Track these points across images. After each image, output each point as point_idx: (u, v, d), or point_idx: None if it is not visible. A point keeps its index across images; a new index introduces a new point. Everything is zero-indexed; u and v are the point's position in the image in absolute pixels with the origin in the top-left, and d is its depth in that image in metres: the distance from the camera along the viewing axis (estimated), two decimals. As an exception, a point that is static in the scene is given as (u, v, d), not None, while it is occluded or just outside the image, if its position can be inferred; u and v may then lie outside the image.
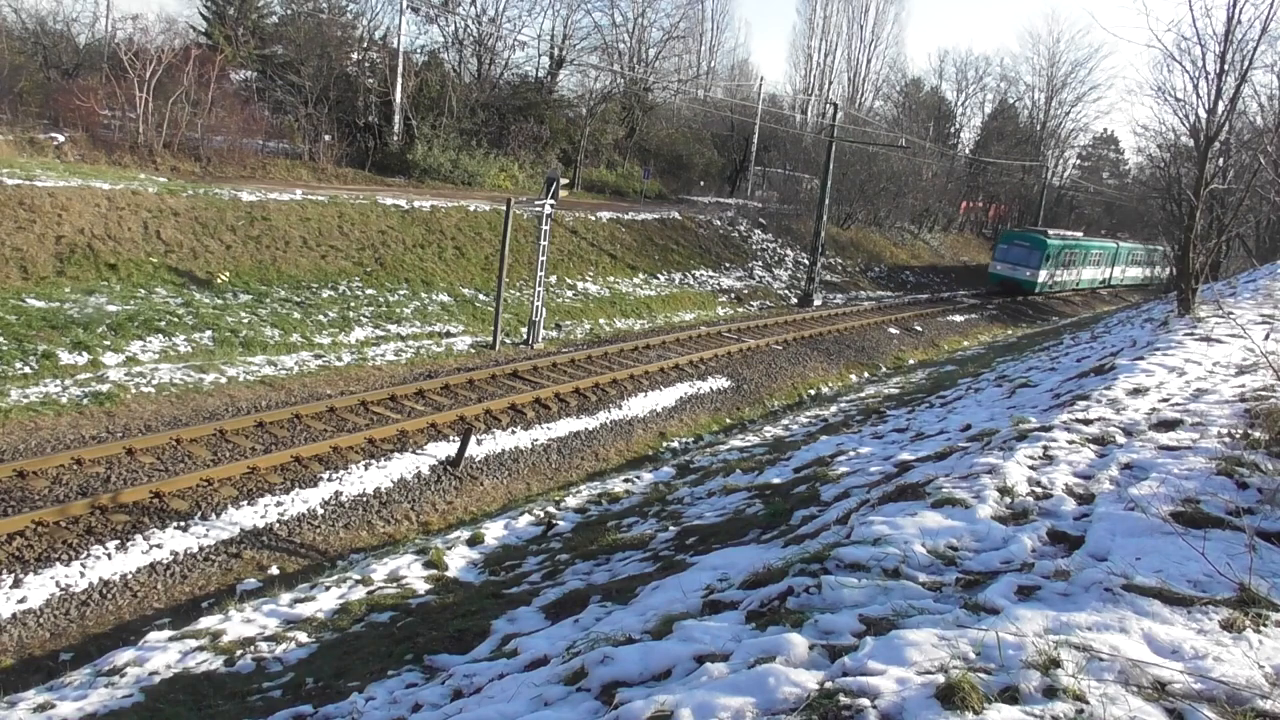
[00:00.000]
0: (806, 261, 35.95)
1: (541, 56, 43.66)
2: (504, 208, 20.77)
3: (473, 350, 20.24)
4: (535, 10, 53.10)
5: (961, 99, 72.71)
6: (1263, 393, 8.94)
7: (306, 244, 21.91)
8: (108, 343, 15.60)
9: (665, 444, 17.32)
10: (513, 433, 15.41)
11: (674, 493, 12.03)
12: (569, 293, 26.15)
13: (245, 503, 11.61)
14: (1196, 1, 34.06)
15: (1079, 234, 49.50)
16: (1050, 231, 43.49)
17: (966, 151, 68.15)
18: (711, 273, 33.09)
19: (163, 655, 7.42)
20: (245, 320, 18.09)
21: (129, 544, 10.30)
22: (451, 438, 14.45)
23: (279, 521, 11.50)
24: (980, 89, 72.60)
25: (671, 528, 9.69)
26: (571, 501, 12.22)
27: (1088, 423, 8.36)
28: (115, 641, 8.71)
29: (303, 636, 7.68)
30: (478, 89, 38.17)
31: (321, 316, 19.48)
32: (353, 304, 20.61)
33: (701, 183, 48.95)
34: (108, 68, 27.45)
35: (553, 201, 21.07)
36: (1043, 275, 42.01)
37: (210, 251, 20.01)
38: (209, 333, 17.15)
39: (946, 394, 17.68)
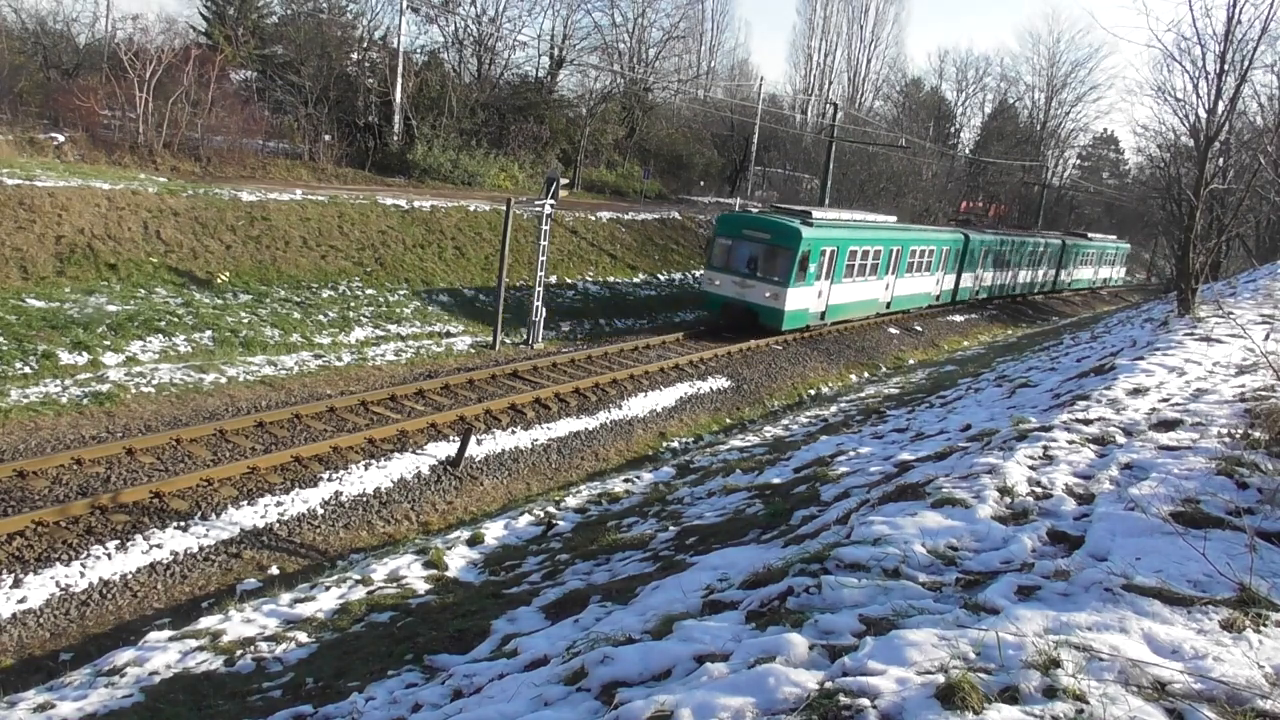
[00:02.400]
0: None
1: (541, 56, 43.70)
2: (504, 208, 20.77)
3: (473, 350, 20.24)
4: (535, 10, 53.13)
5: (961, 99, 72.80)
6: (1263, 393, 8.94)
7: (306, 244, 21.90)
8: (108, 343, 15.59)
9: (665, 444, 17.31)
10: (513, 433, 15.40)
11: (674, 493, 12.02)
12: (569, 293, 26.14)
13: (245, 503, 11.60)
14: (1196, 1, 34.08)
15: (886, 217, 31.22)
16: (815, 214, 24.98)
17: (966, 151, 68.17)
18: (711, 273, 33.08)
19: (163, 655, 7.42)
20: (245, 320, 18.08)
21: (129, 544, 10.30)
22: (451, 438, 14.45)
23: (279, 521, 11.50)
24: (980, 89, 72.71)
25: (671, 528, 9.68)
26: (571, 501, 12.21)
27: (1088, 423, 8.36)
28: (115, 641, 8.70)
29: (303, 636, 7.68)
30: (478, 89, 38.17)
31: (321, 316, 19.48)
32: (353, 304, 20.61)
33: (701, 183, 48.95)
34: (108, 68, 27.45)
35: (553, 201, 21.08)
36: (798, 297, 23.50)
37: (210, 251, 20.00)
38: (209, 333, 17.14)
39: (946, 394, 17.67)
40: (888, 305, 29.68)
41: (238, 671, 7.04)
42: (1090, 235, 52.16)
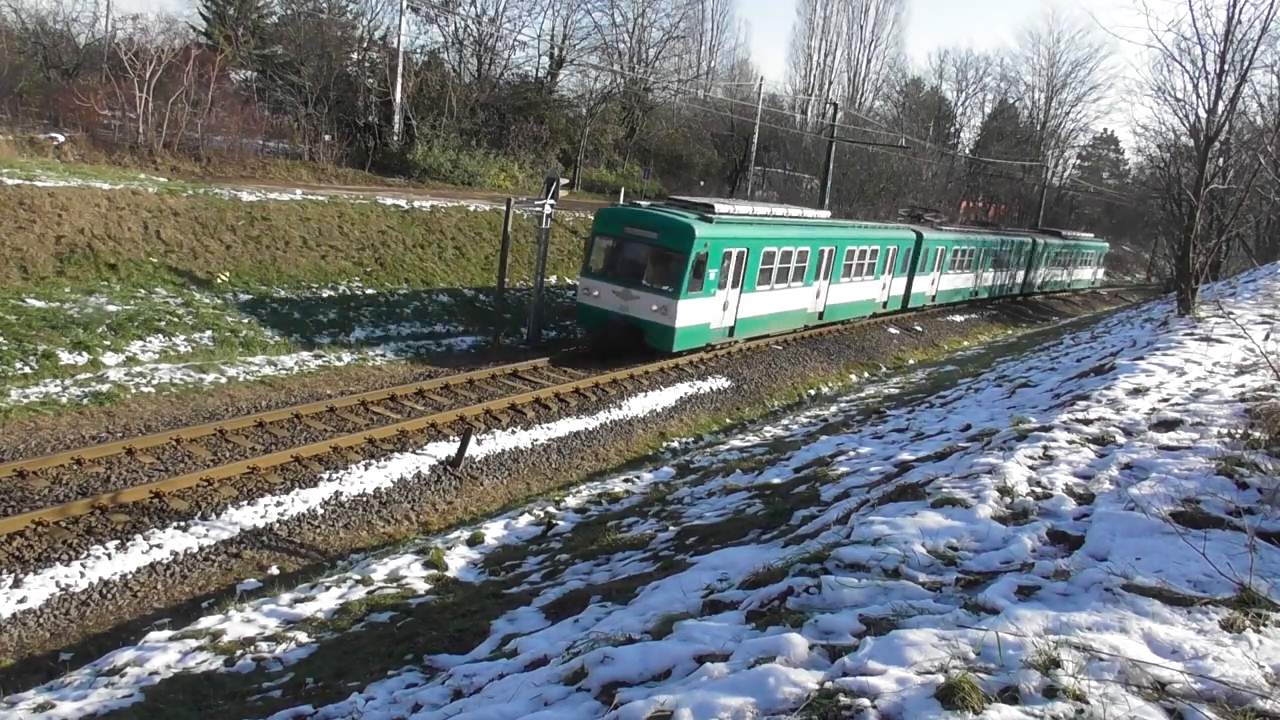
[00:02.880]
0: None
1: (541, 56, 43.70)
2: (504, 208, 20.77)
3: (473, 350, 20.24)
4: (535, 10, 53.05)
5: (961, 99, 72.84)
6: (1263, 393, 8.94)
7: (306, 244, 21.90)
8: (108, 343, 15.59)
9: (665, 444, 17.31)
10: (513, 433, 15.40)
11: (674, 493, 12.02)
12: (570, 292, 26.15)
13: (245, 503, 11.60)
14: (1196, 1, 34.07)
15: (817, 211, 27.55)
16: (720, 208, 21.05)
17: (966, 151, 68.19)
18: (711, 273, 33.05)
19: (163, 655, 7.42)
20: (245, 320, 18.09)
21: (129, 544, 10.30)
22: (451, 438, 14.45)
23: (279, 521, 11.50)
24: (980, 89, 72.75)
25: (671, 528, 9.68)
26: (571, 501, 12.21)
27: (1088, 423, 8.36)
28: (115, 641, 8.70)
29: (303, 636, 7.68)
30: (478, 89, 38.17)
31: (321, 316, 19.48)
32: (353, 304, 20.61)
33: (701, 183, 48.92)
34: (108, 68, 27.44)
35: (553, 201, 21.05)
36: (694, 310, 19.34)
37: (210, 251, 20.00)
38: (209, 333, 17.15)
39: (946, 394, 17.67)
40: (820, 316, 25.68)
41: (238, 671, 7.04)
42: (1064, 233, 48.98)
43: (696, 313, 19.58)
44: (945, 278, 33.78)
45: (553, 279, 25.62)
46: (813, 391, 22.58)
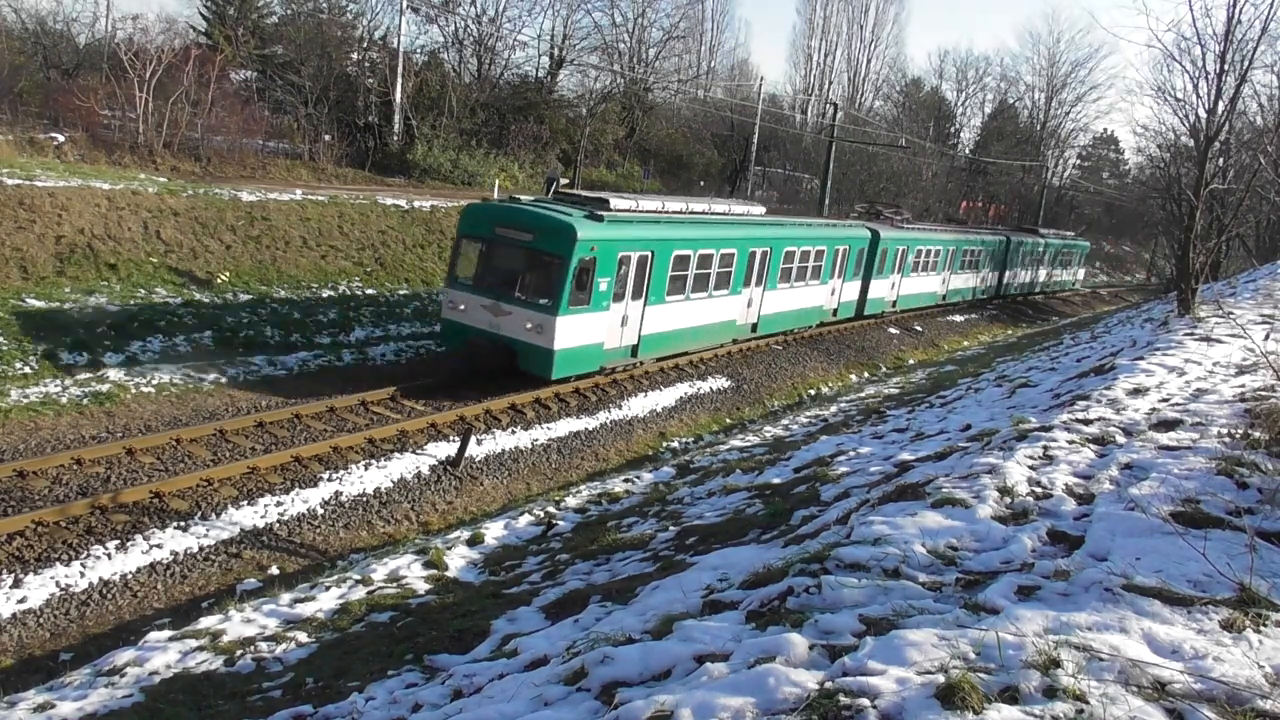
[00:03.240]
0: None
1: (541, 56, 43.72)
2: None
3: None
4: (535, 10, 53.14)
5: (961, 99, 72.88)
6: (1263, 393, 8.94)
7: (306, 244, 21.91)
8: (108, 343, 15.60)
9: (665, 444, 17.31)
10: (513, 433, 15.40)
11: (674, 493, 12.02)
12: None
13: (245, 503, 11.60)
14: (1196, 1, 34.06)
15: (749, 206, 24.05)
16: (615, 203, 17.77)
17: (966, 151, 68.22)
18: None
19: (163, 655, 7.42)
20: (245, 320, 18.09)
21: (129, 544, 10.29)
22: (451, 438, 14.45)
23: (279, 521, 11.50)
24: (980, 89, 72.80)
25: (671, 528, 9.68)
26: (571, 501, 12.21)
27: (1088, 423, 8.36)
28: (115, 641, 8.70)
29: (303, 636, 7.68)
30: (478, 89, 38.19)
31: (321, 316, 19.48)
32: (353, 304, 20.61)
33: (701, 183, 48.94)
34: (108, 68, 27.46)
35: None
36: (578, 328, 16.26)
37: (210, 251, 20.00)
38: (209, 332, 17.16)
39: (946, 394, 17.68)
40: (753, 328, 22.63)
41: (238, 671, 7.04)
42: (1043, 231, 46.51)
43: (583, 330, 16.33)
44: (908, 281, 31.00)
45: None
46: (813, 391, 22.59)
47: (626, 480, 13.46)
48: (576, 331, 16.17)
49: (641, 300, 17.83)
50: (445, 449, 14.05)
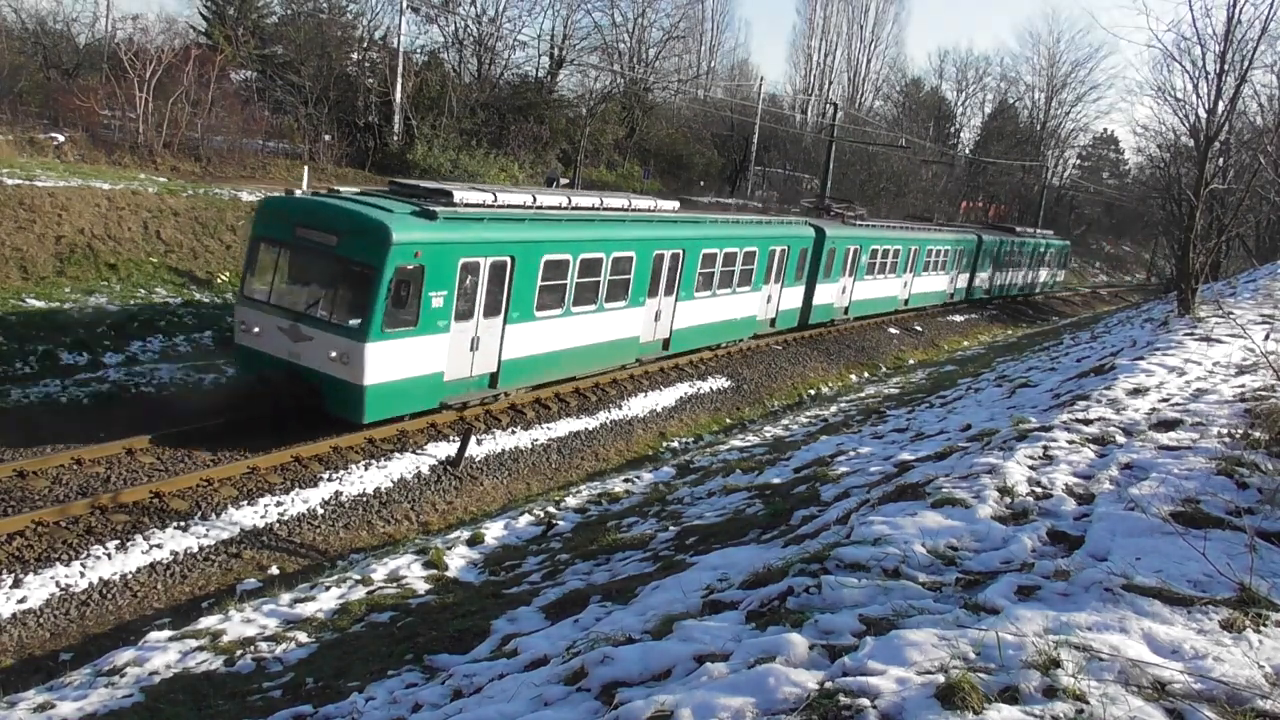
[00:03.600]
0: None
1: (541, 56, 43.72)
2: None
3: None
4: (535, 10, 53.17)
5: (961, 99, 72.94)
6: (1263, 393, 8.94)
7: (306, 244, 21.89)
8: (108, 343, 15.60)
9: (665, 444, 17.32)
10: (513, 433, 15.40)
11: (674, 493, 12.03)
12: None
13: (245, 503, 11.60)
14: (1196, 1, 34.09)
15: (662, 203, 19.75)
16: (461, 195, 14.20)
17: (966, 151, 68.26)
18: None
19: (163, 655, 7.42)
20: (245, 320, 18.08)
21: (129, 544, 10.29)
22: (451, 438, 14.44)
23: (279, 521, 11.50)
24: (980, 89, 72.86)
25: (671, 528, 9.69)
26: (571, 501, 12.22)
27: (1088, 423, 8.36)
28: (115, 641, 8.70)
29: (303, 636, 7.68)
30: (478, 89, 38.20)
31: (321, 316, 19.46)
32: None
33: (701, 183, 48.96)
34: (108, 68, 27.47)
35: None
36: (399, 357, 12.87)
37: (210, 251, 20.01)
38: (209, 332, 17.16)
39: (946, 394, 17.69)
40: (665, 344, 19.64)
41: (238, 671, 7.04)
42: (1018, 229, 43.84)
43: (408, 359, 12.98)
44: (864, 285, 28.11)
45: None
46: (813, 391, 22.59)
47: (626, 480, 13.47)
48: (398, 360, 12.80)
49: (500, 318, 14.50)
50: (445, 449, 14.05)
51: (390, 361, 12.71)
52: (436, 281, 13.02)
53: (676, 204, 20.43)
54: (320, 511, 11.93)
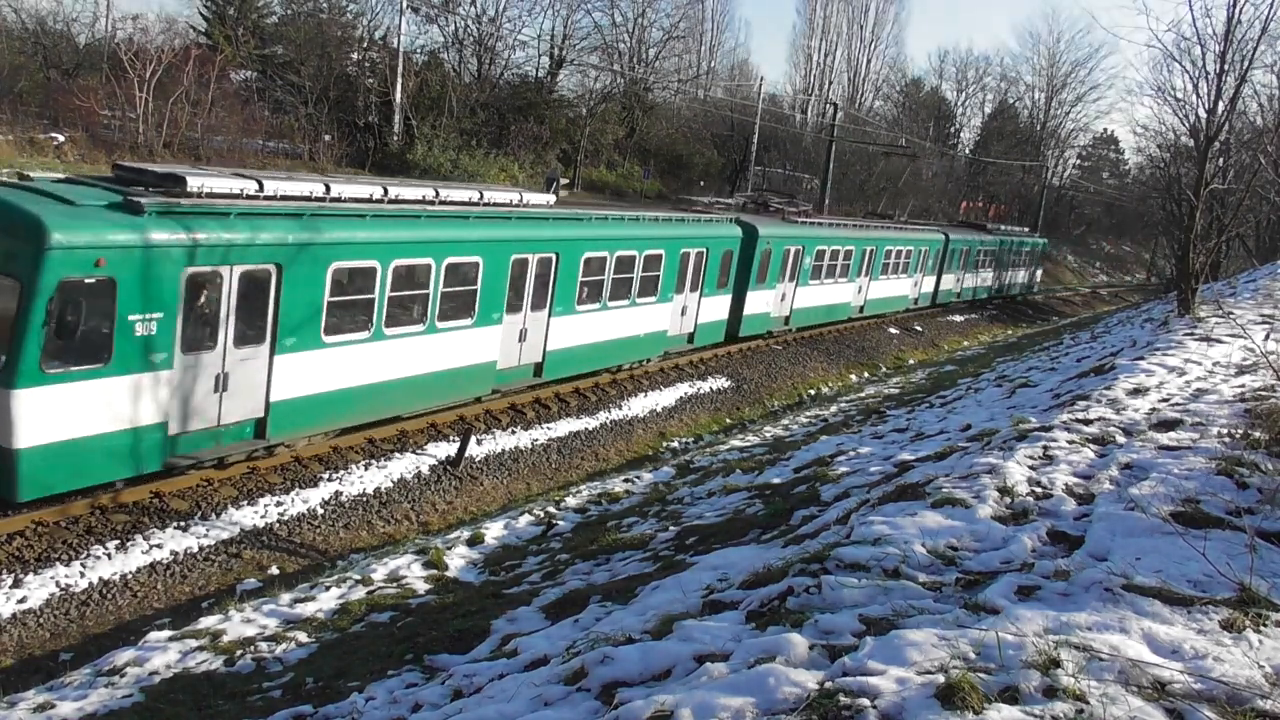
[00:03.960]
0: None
1: (541, 56, 43.75)
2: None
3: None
4: (535, 10, 53.11)
5: (961, 99, 72.96)
6: (1263, 393, 8.94)
7: (306, 244, 21.86)
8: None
9: (665, 444, 17.32)
10: (513, 433, 15.40)
11: (674, 493, 12.03)
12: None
13: (245, 503, 11.60)
14: (1196, 1, 34.11)
15: (561, 203, 17.89)
16: (193, 182, 10.09)
17: (966, 151, 68.28)
18: (711, 273, 33.02)
19: (163, 655, 7.42)
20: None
21: (129, 544, 10.29)
22: (451, 438, 14.45)
23: (279, 521, 11.49)
24: (980, 89, 72.88)
25: (671, 528, 9.69)
26: (571, 501, 12.22)
27: (1088, 423, 8.36)
28: (115, 641, 8.70)
29: (303, 636, 7.68)
30: (478, 89, 38.22)
31: (321, 316, 19.44)
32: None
33: (701, 183, 48.97)
34: (108, 68, 27.48)
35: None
36: (59, 410, 8.99)
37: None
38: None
39: (946, 394, 17.69)
40: (536, 370, 16.10)
41: (238, 671, 7.04)
42: (990, 227, 40.89)
43: (92, 409, 9.50)
44: (808, 291, 24.70)
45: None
46: (813, 391, 22.59)
47: (626, 480, 13.47)
48: (75, 411, 9.33)
49: (265, 346, 11.09)
50: (445, 449, 14.05)
51: (60, 414, 9.19)
52: (142, 300, 9.52)
53: (551, 198, 16.48)
54: (320, 511, 11.93)
